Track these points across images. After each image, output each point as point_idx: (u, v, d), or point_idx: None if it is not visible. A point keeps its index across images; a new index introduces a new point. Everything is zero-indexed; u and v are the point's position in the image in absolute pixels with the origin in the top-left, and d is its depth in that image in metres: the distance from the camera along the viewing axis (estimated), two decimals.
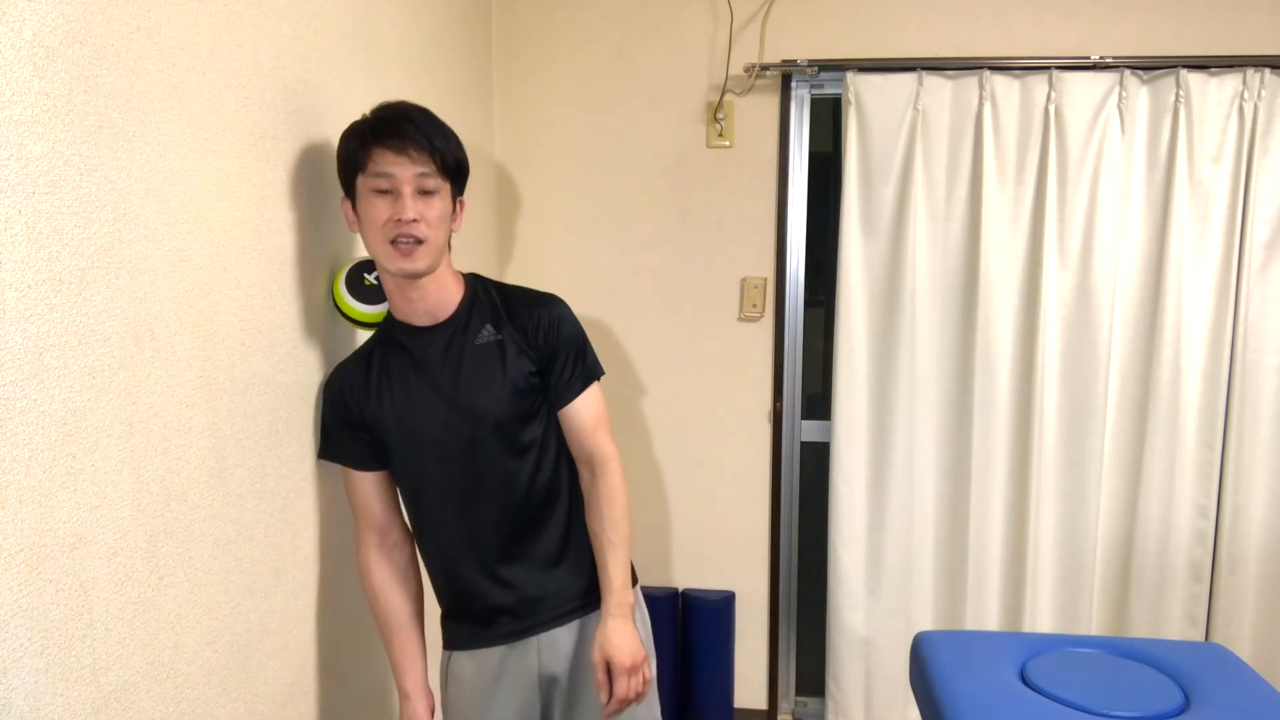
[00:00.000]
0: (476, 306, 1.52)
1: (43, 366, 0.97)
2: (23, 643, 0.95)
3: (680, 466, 2.77)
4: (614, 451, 1.55)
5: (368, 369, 1.52)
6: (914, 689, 1.82)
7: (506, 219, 2.71)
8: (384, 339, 1.54)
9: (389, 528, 1.58)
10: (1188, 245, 2.45)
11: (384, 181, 1.38)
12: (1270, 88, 2.38)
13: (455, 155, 1.44)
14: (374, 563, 1.57)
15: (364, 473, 1.54)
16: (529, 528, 1.54)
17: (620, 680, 1.47)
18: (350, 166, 1.42)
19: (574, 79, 2.66)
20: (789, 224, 2.64)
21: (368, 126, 1.41)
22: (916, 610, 2.66)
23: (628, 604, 1.52)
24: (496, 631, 1.55)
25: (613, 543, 1.52)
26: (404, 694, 1.59)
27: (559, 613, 1.56)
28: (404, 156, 1.37)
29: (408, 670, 1.58)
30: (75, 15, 1.01)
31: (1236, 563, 2.53)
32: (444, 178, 1.42)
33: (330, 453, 1.55)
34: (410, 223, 1.38)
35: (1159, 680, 1.65)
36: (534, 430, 1.52)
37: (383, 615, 1.59)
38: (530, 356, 1.50)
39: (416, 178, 1.39)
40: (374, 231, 1.41)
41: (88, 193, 1.03)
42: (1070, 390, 2.53)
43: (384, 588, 1.58)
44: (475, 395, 1.48)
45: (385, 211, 1.38)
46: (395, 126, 1.38)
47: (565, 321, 1.53)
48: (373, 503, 1.56)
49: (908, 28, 2.53)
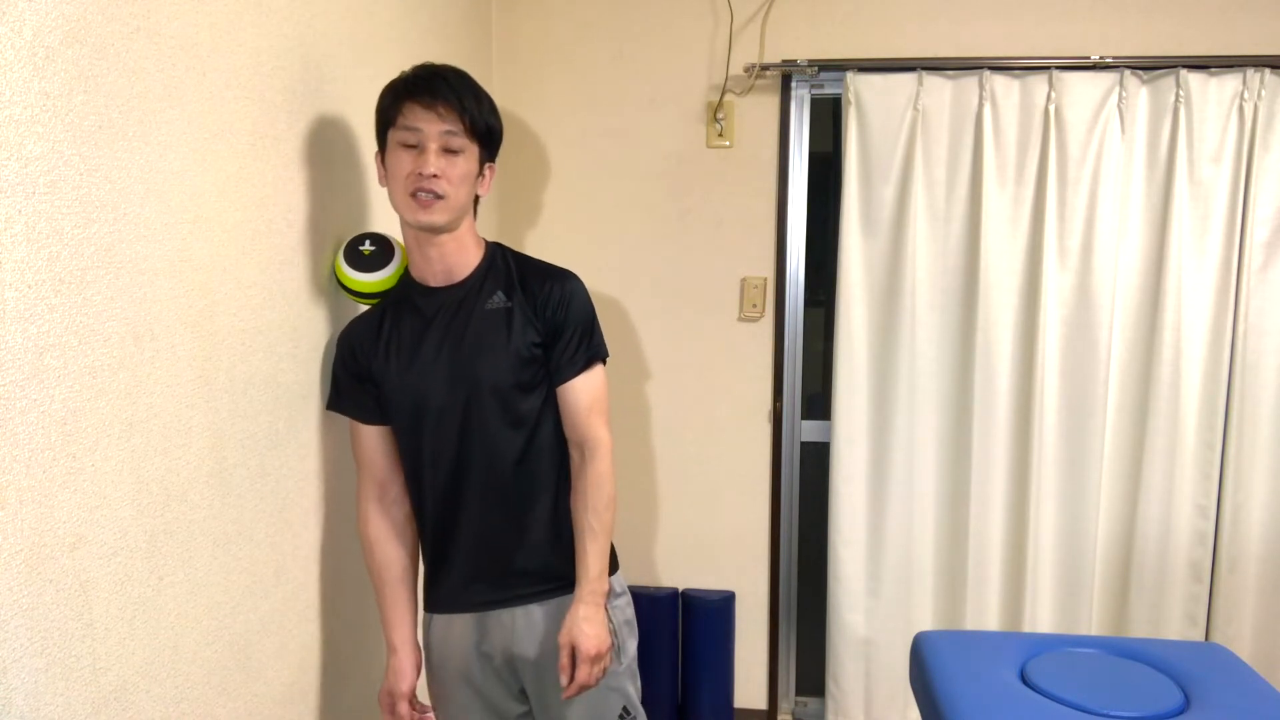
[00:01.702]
0: (492, 272, 1.54)
1: (43, 366, 0.97)
2: (23, 643, 0.95)
3: (680, 466, 2.77)
4: (606, 438, 1.55)
5: (379, 325, 1.55)
6: (914, 689, 1.82)
7: (506, 219, 2.71)
8: (398, 299, 1.57)
9: (390, 482, 1.60)
10: (1188, 245, 2.45)
11: (411, 135, 1.42)
12: (1270, 88, 2.38)
13: (486, 120, 1.47)
14: (373, 515, 1.59)
15: (370, 426, 1.57)
16: (517, 500, 1.55)
17: (582, 667, 1.48)
18: (383, 120, 1.46)
19: (574, 79, 2.66)
20: (789, 224, 2.64)
21: (403, 82, 1.45)
22: (916, 610, 2.66)
23: (601, 592, 1.53)
24: (471, 599, 1.57)
25: (593, 529, 1.52)
26: (391, 647, 1.60)
27: (536, 589, 1.57)
28: (432, 113, 1.41)
29: (397, 624, 1.60)
30: (75, 15, 1.01)
31: (1236, 563, 2.53)
32: (471, 138, 1.45)
33: (338, 404, 1.58)
34: (431, 177, 1.41)
35: (1159, 680, 1.65)
36: (532, 402, 1.53)
37: (377, 568, 1.60)
38: (536, 327, 1.51)
39: (443, 135, 1.42)
40: (397, 183, 1.44)
41: (88, 193, 1.03)
42: (1070, 390, 2.53)
43: (380, 541, 1.59)
44: (478, 358, 1.49)
45: (409, 165, 1.42)
46: (428, 83, 1.42)
47: (576, 298, 1.54)
48: (376, 456, 1.58)
49: (908, 28, 2.52)
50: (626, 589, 1.66)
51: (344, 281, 1.59)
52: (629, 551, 2.73)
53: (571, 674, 1.49)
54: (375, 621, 1.78)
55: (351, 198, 1.72)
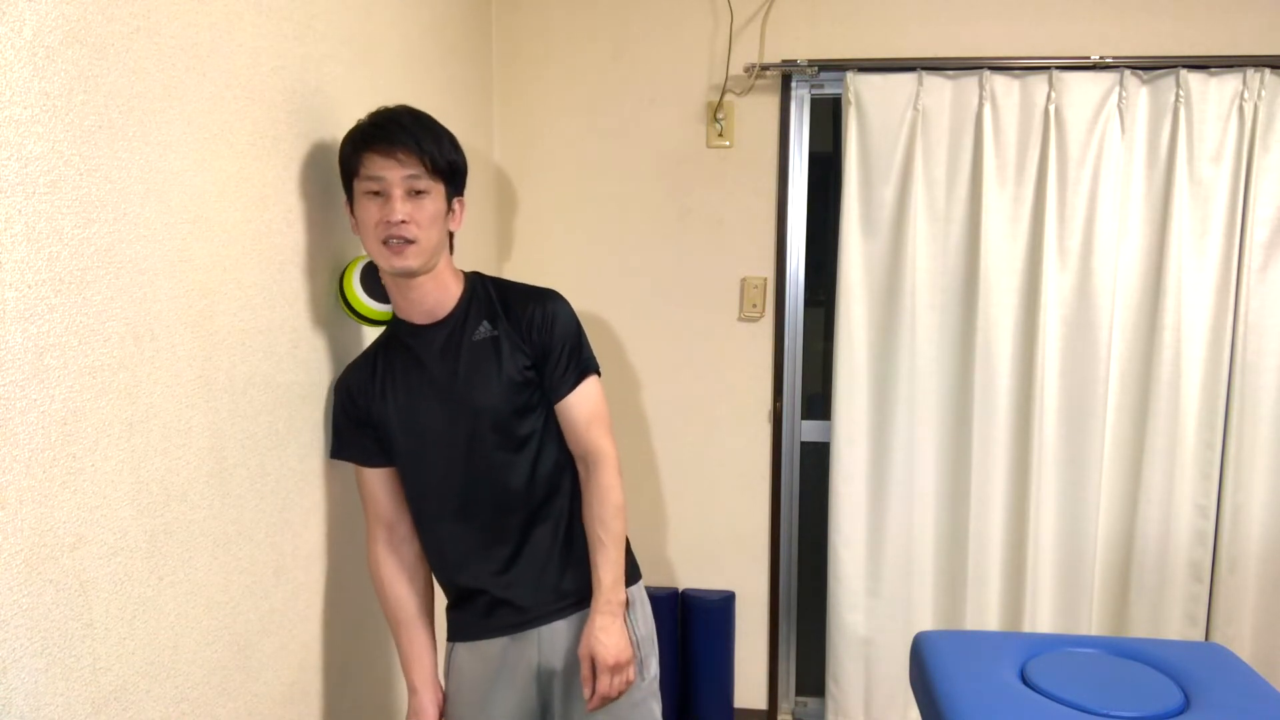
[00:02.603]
0: (475, 303, 1.55)
1: (43, 366, 0.97)
2: (23, 643, 0.95)
3: (680, 466, 2.77)
4: (609, 449, 1.56)
5: (374, 368, 1.56)
6: (914, 689, 1.82)
7: (506, 219, 2.71)
8: (389, 339, 1.58)
9: (397, 523, 1.61)
10: (1188, 245, 2.45)
11: (374, 184, 1.43)
12: (1270, 88, 2.38)
13: (447, 157, 1.47)
14: (382, 557, 1.60)
15: (373, 469, 1.58)
16: (529, 522, 1.56)
17: (603, 678, 1.49)
18: (346, 171, 1.48)
19: (574, 79, 2.66)
20: (789, 224, 2.64)
21: (360, 132, 1.46)
22: (916, 610, 2.66)
23: (617, 602, 1.53)
24: (497, 624, 1.57)
25: (602, 541, 1.53)
26: (412, 688, 1.61)
27: (559, 606, 1.57)
28: (392, 160, 1.41)
29: (415, 664, 1.61)
30: (75, 15, 1.01)
31: (1236, 563, 2.53)
32: (435, 178, 1.45)
33: (341, 451, 1.59)
34: (399, 224, 1.42)
35: (1159, 680, 1.65)
36: (532, 424, 1.54)
37: (391, 609, 1.61)
38: (525, 351, 1.52)
39: (406, 179, 1.42)
40: (368, 232, 1.45)
41: (88, 193, 1.03)
42: (1070, 390, 2.53)
43: (392, 582, 1.60)
44: (472, 391, 1.50)
45: (377, 213, 1.43)
46: (384, 130, 1.43)
47: (559, 317, 1.55)
48: (381, 498, 1.59)
49: (908, 28, 2.52)
50: (647, 601, 1.66)
51: (357, 307, 1.59)
52: None
53: (594, 685, 1.50)
54: (375, 622, 1.79)
55: None
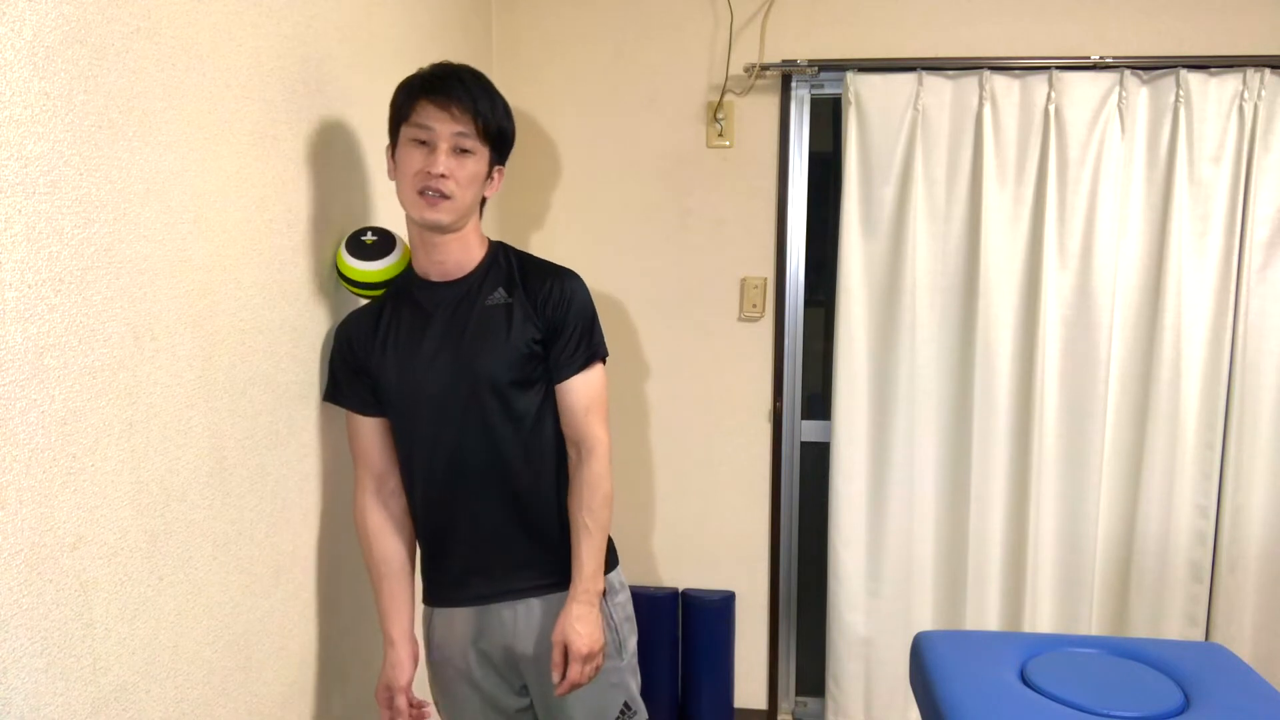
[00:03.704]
0: (494, 269, 1.55)
1: (43, 366, 0.97)
2: (23, 643, 0.95)
3: (680, 466, 2.76)
4: (603, 438, 1.55)
5: (378, 318, 1.55)
6: (914, 689, 1.82)
7: (506, 219, 2.71)
8: (398, 292, 1.57)
9: (387, 475, 1.60)
10: (1188, 245, 2.45)
11: (423, 133, 1.43)
12: (1270, 88, 2.38)
13: (500, 123, 1.49)
14: (370, 508, 1.59)
15: (367, 418, 1.57)
16: (515, 496, 1.55)
17: (574, 666, 1.50)
18: (396, 115, 1.47)
19: (574, 79, 2.66)
20: (789, 224, 2.64)
21: (419, 79, 1.46)
22: (916, 610, 2.66)
23: (595, 591, 1.53)
24: (469, 593, 1.57)
25: (588, 528, 1.53)
26: (389, 640, 1.60)
27: (535, 584, 1.57)
28: (446, 112, 1.42)
29: (394, 617, 1.60)
30: (75, 15, 1.01)
31: (1236, 563, 2.53)
32: (483, 141, 1.46)
33: (335, 396, 1.58)
34: (439, 177, 1.42)
35: (1159, 680, 1.65)
36: (531, 398, 1.53)
37: (374, 561, 1.60)
38: (536, 324, 1.52)
39: (454, 135, 1.43)
40: (406, 179, 1.45)
41: (88, 193, 1.03)
42: (1070, 390, 2.53)
43: (378, 533, 1.59)
44: (477, 354, 1.50)
45: (419, 162, 1.43)
46: (444, 83, 1.43)
47: (577, 296, 1.55)
48: (373, 449, 1.58)
49: (908, 28, 2.52)
50: (626, 585, 1.66)
51: (345, 272, 1.59)
52: (629, 552, 2.73)
53: (564, 672, 1.50)
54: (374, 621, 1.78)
55: (352, 197, 1.72)
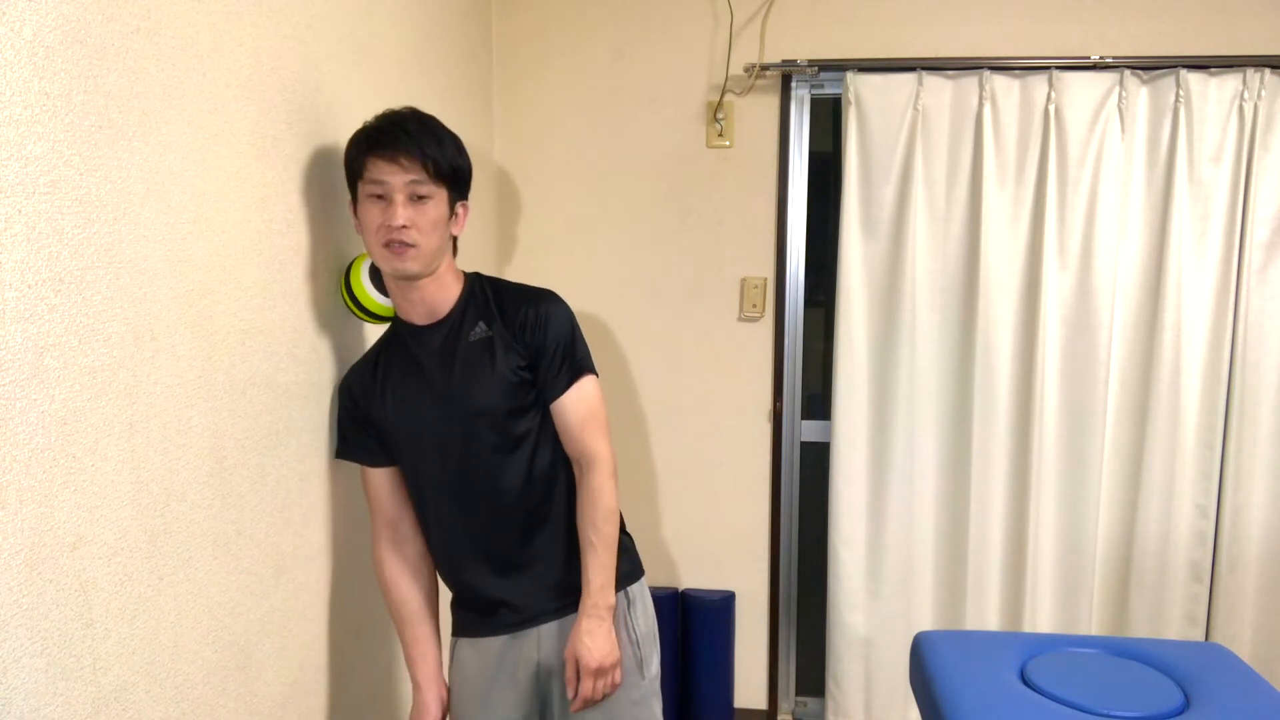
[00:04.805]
0: (471, 304, 1.56)
1: (43, 366, 0.97)
2: (23, 643, 0.95)
3: (680, 466, 2.76)
4: (603, 450, 1.56)
5: (375, 369, 1.58)
6: (914, 689, 1.82)
7: (506, 219, 2.71)
8: (390, 339, 1.60)
9: (399, 521, 1.62)
10: (1188, 245, 2.45)
11: (377, 188, 1.44)
12: (1270, 88, 2.38)
13: (451, 162, 1.47)
14: (386, 556, 1.62)
15: (377, 469, 1.60)
16: (527, 522, 1.56)
17: (585, 681, 1.50)
18: (351, 173, 1.49)
19: (574, 79, 2.66)
20: (789, 224, 2.64)
21: (364, 135, 1.46)
22: (916, 610, 2.66)
23: (604, 605, 1.53)
24: (497, 622, 1.59)
25: (593, 544, 1.54)
26: (416, 685, 1.62)
27: (558, 605, 1.58)
28: (395, 165, 1.42)
29: (419, 661, 1.62)
30: (75, 15, 1.01)
31: (1236, 563, 2.53)
32: (437, 183, 1.45)
33: (347, 452, 1.61)
34: (400, 229, 1.42)
35: (1159, 680, 1.65)
36: (527, 423, 1.54)
37: (395, 606, 1.63)
38: (519, 351, 1.53)
39: (408, 185, 1.43)
40: (370, 234, 1.46)
41: (88, 193, 1.03)
42: (1070, 390, 2.53)
43: (396, 580, 1.62)
44: (467, 390, 1.51)
45: (379, 216, 1.44)
46: (388, 135, 1.43)
47: (553, 318, 1.55)
48: (385, 497, 1.61)
49: (908, 28, 2.53)
50: (648, 599, 1.66)
51: (364, 302, 1.60)
52: None
53: (577, 687, 1.51)
54: (375, 621, 1.79)
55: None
